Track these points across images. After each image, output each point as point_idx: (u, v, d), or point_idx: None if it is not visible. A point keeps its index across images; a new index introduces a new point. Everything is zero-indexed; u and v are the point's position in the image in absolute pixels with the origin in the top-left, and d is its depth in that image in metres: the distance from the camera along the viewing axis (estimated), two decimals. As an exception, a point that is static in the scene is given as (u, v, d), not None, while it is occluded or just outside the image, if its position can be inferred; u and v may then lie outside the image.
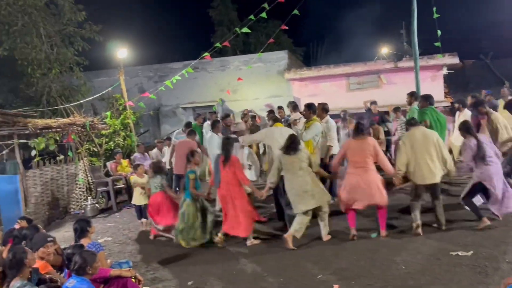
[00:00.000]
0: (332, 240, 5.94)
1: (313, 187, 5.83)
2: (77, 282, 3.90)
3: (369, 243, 5.74)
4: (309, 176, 5.86)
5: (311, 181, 5.85)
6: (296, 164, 5.84)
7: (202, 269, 5.50)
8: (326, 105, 7.48)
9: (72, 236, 7.03)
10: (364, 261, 5.18)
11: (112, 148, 11.31)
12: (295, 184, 5.84)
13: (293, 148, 5.89)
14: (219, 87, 13.92)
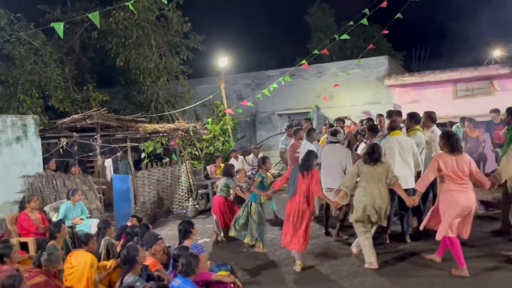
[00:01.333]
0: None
1: (383, 204, 5.55)
2: (182, 283, 4.15)
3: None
4: (385, 191, 5.58)
5: (385, 197, 5.58)
6: (375, 176, 5.58)
7: (299, 278, 5.51)
8: (433, 113, 7.00)
9: (175, 234, 7.51)
10: None
11: (212, 152, 11.85)
12: (367, 193, 5.57)
13: (374, 159, 5.62)
14: (315, 94, 13.88)
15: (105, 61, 13.52)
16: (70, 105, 11.82)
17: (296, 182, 5.82)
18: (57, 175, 7.94)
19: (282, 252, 6.50)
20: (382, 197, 5.54)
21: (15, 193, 7.20)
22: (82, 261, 5.14)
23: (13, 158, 7.24)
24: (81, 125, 8.56)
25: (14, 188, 7.21)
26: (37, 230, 6.66)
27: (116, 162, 10.76)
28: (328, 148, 6.92)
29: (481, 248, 5.87)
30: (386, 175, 5.57)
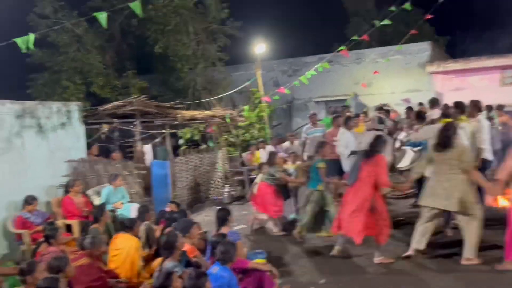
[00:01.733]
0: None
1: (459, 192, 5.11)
2: (219, 270, 4.20)
3: None
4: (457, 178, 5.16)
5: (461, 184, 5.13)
6: (447, 163, 5.23)
7: (334, 268, 5.48)
8: (479, 102, 6.69)
9: (212, 220, 7.60)
10: None
11: (248, 139, 11.88)
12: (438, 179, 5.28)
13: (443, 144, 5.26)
14: (353, 81, 13.57)
15: (144, 48, 13.74)
16: (111, 92, 12.12)
17: (358, 168, 5.57)
18: (99, 160, 8.20)
19: (319, 241, 6.49)
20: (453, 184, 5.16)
21: (60, 177, 7.49)
22: (127, 244, 5.31)
23: (58, 143, 7.53)
24: (122, 112, 8.77)
25: (59, 172, 7.51)
26: (81, 213, 6.92)
27: (155, 148, 10.98)
28: (370, 135, 6.78)
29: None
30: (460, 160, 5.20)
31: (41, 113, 7.25)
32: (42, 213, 6.66)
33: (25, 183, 6.87)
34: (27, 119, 7.00)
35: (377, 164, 5.45)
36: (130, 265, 5.27)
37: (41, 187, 7.13)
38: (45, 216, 6.64)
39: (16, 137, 6.79)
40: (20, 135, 6.86)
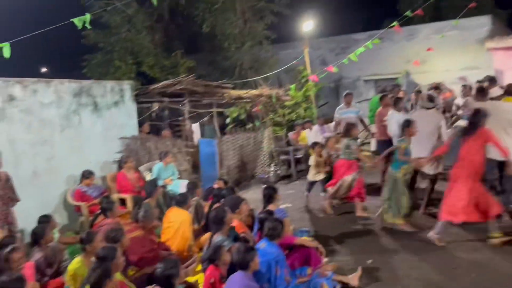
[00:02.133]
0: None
1: None
2: (267, 245, 4.26)
3: None
4: None
5: None
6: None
7: (383, 249, 5.41)
8: None
9: (258, 198, 7.68)
10: None
11: (294, 119, 11.81)
12: None
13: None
14: (405, 58, 13.07)
15: (192, 27, 13.87)
16: (160, 71, 12.38)
17: (459, 146, 5.30)
18: (150, 138, 8.46)
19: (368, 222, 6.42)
20: None
21: (114, 153, 7.81)
22: (178, 218, 5.51)
23: (112, 121, 7.84)
24: (171, 91, 8.96)
25: (113, 149, 7.84)
26: (134, 188, 7.21)
27: (203, 127, 11.18)
28: (421, 114, 6.52)
29: None
30: None
31: (96, 91, 7.56)
32: (98, 187, 7.01)
33: (82, 159, 7.25)
34: (84, 98, 7.33)
35: (485, 137, 5.16)
36: (181, 239, 5.47)
37: (97, 162, 7.50)
38: (101, 190, 6.99)
39: (74, 115, 7.14)
40: (78, 113, 7.21)
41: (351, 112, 8.82)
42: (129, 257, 4.79)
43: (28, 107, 6.49)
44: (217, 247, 4.10)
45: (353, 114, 8.79)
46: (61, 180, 6.93)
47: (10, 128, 6.25)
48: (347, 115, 8.72)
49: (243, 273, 3.67)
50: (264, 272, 4.14)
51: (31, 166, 6.49)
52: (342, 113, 8.80)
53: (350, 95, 9.05)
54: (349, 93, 9.12)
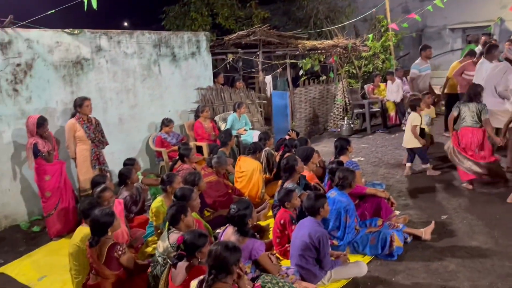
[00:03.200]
0: None
1: None
2: (337, 195, 4.30)
3: None
4: None
5: None
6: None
7: (459, 206, 5.22)
8: None
9: (329, 151, 7.69)
10: None
11: (371, 71, 11.35)
12: None
13: None
14: (499, 3, 11.77)
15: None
16: (234, 23, 12.38)
17: None
18: (225, 88, 8.65)
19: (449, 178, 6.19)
20: None
21: (191, 103, 8.12)
22: (250, 167, 5.72)
23: (189, 71, 8.08)
24: (245, 42, 8.97)
25: (190, 99, 8.14)
26: (209, 137, 7.51)
27: (276, 79, 11.17)
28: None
29: None
30: None
31: (174, 42, 7.78)
32: (177, 135, 7.40)
33: (162, 107, 7.64)
34: (163, 48, 7.60)
35: None
36: (253, 186, 5.70)
37: (175, 111, 7.87)
38: (179, 137, 7.37)
39: (154, 65, 7.47)
40: (157, 63, 7.52)
41: (430, 68, 8.10)
42: (205, 199, 5.11)
43: (113, 57, 6.89)
44: (288, 191, 4.22)
45: (430, 70, 8.09)
46: (144, 127, 7.40)
47: (99, 77, 6.72)
48: (428, 71, 7.99)
49: (313, 218, 3.76)
50: (334, 220, 4.21)
51: (117, 113, 6.98)
52: (422, 69, 7.89)
53: (430, 49, 8.08)
54: (428, 46, 8.10)
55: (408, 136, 6.47)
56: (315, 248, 3.61)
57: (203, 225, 4.24)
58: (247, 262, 3.46)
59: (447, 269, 3.82)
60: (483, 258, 3.93)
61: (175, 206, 3.76)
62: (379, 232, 4.20)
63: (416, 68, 7.94)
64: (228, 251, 2.67)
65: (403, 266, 3.93)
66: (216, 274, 2.65)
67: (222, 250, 2.67)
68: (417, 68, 7.93)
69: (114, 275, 3.44)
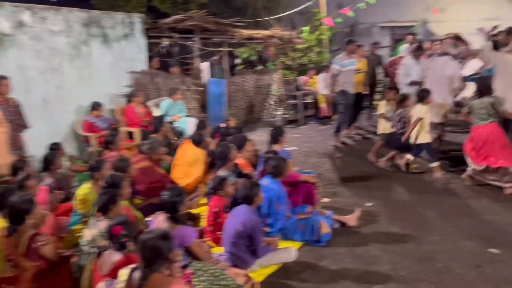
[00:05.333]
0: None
1: None
2: (270, 182, 4.37)
3: None
4: None
5: None
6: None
7: (384, 194, 5.54)
8: None
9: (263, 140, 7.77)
10: None
11: (305, 63, 11.61)
12: None
13: None
14: (423, 6, 12.56)
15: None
16: (171, 6, 12.02)
17: None
18: (159, 73, 8.42)
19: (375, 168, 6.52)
20: None
21: (122, 87, 7.81)
22: (194, 155, 5.63)
23: (122, 53, 7.77)
24: (182, 27, 8.77)
25: (122, 82, 7.83)
26: (142, 122, 7.29)
27: (212, 66, 11.06)
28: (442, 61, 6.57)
29: None
30: None
31: (106, 22, 7.43)
32: (107, 119, 7.09)
33: (91, 89, 7.27)
34: (93, 28, 7.22)
35: None
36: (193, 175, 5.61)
37: (106, 94, 7.52)
38: (110, 122, 7.07)
39: (83, 45, 7.07)
40: (87, 43, 7.14)
41: (353, 64, 7.76)
42: (136, 186, 4.95)
43: (37, 34, 6.42)
44: (222, 179, 4.22)
45: (353, 66, 7.77)
46: (71, 110, 7.01)
47: (20, 55, 6.23)
48: (350, 66, 7.67)
49: (247, 206, 3.80)
50: (266, 207, 4.28)
51: (41, 94, 6.53)
52: (344, 64, 7.60)
53: (354, 44, 7.84)
54: (353, 41, 7.90)
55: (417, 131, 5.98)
56: (248, 236, 3.65)
57: (133, 213, 4.12)
58: (178, 249, 3.42)
59: (370, 253, 4.04)
60: (402, 243, 4.21)
61: (106, 194, 3.62)
62: (308, 219, 4.34)
63: (337, 63, 7.71)
64: (162, 240, 2.60)
65: (330, 251, 4.10)
66: (152, 265, 2.56)
67: (156, 239, 2.59)
68: (337, 63, 7.70)
69: (34, 267, 3.24)
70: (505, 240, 4.16)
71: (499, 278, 3.53)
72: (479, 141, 5.42)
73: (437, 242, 4.19)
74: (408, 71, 7.28)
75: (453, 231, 4.40)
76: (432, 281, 3.53)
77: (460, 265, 3.74)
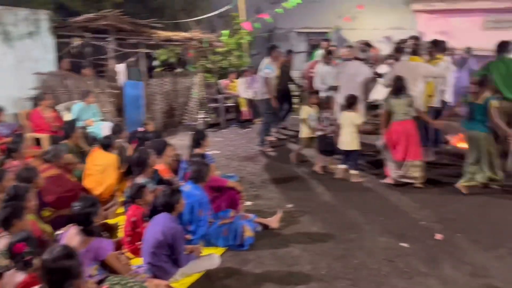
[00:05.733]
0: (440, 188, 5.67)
1: None
2: (191, 188, 4.26)
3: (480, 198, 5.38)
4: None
5: None
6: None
7: (304, 195, 5.67)
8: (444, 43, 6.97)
9: (184, 144, 7.61)
10: (474, 215, 4.91)
11: (226, 66, 11.61)
12: None
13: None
14: (337, 14, 13.19)
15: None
16: (82, 4, 11.36)
17: None
18: (70, 75, 7.88)
19: (293, 169, 6.64)
20: None
21: (28, 89, 7.19)
22: (104, 161, 5.29)
23: (26, 53, 7.15)
24: (95, 26, 8.30)
25: (27, 84, 7.21)
26: (50, 128, 6.76)
27: (129, 68, 10.62)
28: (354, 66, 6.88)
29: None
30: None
31: (7, 19, 6.78)
32: (10, 125, 6.47)
33: (-10, 92, 6.60)
34: (-8, 25, 6.58)
35: None
36: (106, 182, 5.29)
37: (8, 97, 6.86)
38: (13, 127, 6.45)
39: (-20, 43, 6.41)
40: (-15, 41, 6.48)
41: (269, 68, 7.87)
42: (45, 197, 4.55)
43: None
44: (140, 186, 4.04)
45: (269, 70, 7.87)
46: (-34, 115, 6.30)
47: None
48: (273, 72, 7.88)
49: (168, 214, 3.66)
50: (187, 214, 4.17)
51: None
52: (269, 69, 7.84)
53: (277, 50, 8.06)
54: (275, 47, 8.11)
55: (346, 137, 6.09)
56: (169, 245, 3.51)
57: (40, 228, 3.77)
58: (93, 263, 3.19)
59: (291, 254, 4.10)
60: (321, 242, 4.33)
61: (8, 207, 3.27)
62: (231, 223, 4.30)
63: (269, 67, 7.88)
64: (66, 259, 2.36)
65: (253, 255, 4.10)
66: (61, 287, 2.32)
67: (60, 260, 2.34)
68: (269, 67, 7.88)
69: None
70: (414, 234, 4.46)
71: (410, 271, 3.76)
72: (396, 135, 5.74)
73: (354, 240, 4.37)
74: (323, 76, 7.60)
75: (368, 229, 4.63)
76: (350, 278, 3.67)
77: (375, 261, 3.94)
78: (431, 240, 4.33)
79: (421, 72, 6.11)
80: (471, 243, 4.25)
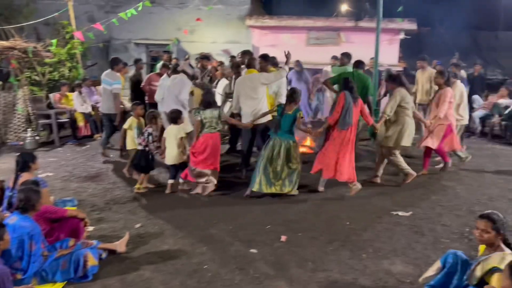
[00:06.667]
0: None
1: None
2: (19, 219, 3.70)
3: (316, 198, 5.95)
4: None
5: None
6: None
7: (151, 213, 5.44)
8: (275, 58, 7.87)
9: (9, 168, 6.69)
10: (311, 214, 5.38)
11: (57, 78, 10.57)
12: None
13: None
14: (176, 26, 13.24)
15: None
16: None
17: (352, 111, 5.83)
18: None
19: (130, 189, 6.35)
20: None
21: None
22: None
23: None
24: None
25: None
26: None
27: None
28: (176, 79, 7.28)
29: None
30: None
31: None
32: None
33: None
34: None
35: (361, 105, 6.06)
36: None
37: None
38: None
39: None
40: None
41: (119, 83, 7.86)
42: None
43: None
44: None
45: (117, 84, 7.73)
46: None
47: None
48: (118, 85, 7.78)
49: (-13, 255, 3.09)
50: (16, 249, 3.60)
51: None
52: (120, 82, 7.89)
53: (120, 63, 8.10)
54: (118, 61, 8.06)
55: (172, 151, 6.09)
56: (-8, 292, 2.97)
57: None
58: None
59: (142, 277, 3.88)
60: (173, 259, 4.20)
61: None
62: (71, 254, 3.86)
63: (117, 82, 7.72)
64: None
65: (98, 285, 3.75)
66: None
67: None
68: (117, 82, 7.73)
69: None
70: (261, 239, 4.67)
71: (259, 275, 3.91)
72: (203, 146, 5.96)
73: (205, 253, 4.36)
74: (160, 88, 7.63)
75: (217, 239, 4.68)
76: (204, 292, 3.64)
77: (227, 270, 3.99)
78: (277, 242, 4.59)
79: (260, 80, 6.51)
80: (310, 240, 4.64)
